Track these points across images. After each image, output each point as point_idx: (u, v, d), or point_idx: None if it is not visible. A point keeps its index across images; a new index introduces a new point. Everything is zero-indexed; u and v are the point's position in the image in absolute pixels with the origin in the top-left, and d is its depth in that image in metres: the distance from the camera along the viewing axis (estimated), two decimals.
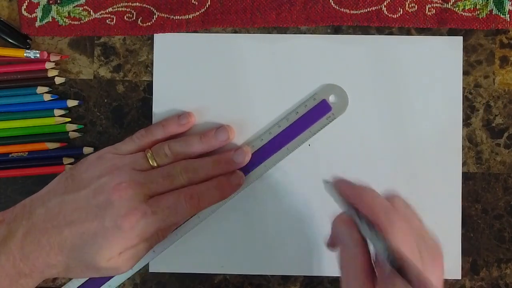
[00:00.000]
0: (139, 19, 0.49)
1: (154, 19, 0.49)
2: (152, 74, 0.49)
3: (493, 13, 0.48)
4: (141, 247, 0.44)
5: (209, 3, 0.49)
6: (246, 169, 0.48)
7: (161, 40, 0.49)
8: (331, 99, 0.49)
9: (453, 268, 0.49)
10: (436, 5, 0.48)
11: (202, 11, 0.49)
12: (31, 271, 0.42)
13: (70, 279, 0.49)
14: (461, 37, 0.49)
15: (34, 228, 0.42)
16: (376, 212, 0.36)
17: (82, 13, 0.49)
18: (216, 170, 0.46)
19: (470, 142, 0.49)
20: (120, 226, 0.42)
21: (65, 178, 0.44)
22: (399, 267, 0.33)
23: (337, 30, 0.49)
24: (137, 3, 0.49)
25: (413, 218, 0.38)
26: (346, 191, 0.39)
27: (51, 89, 0.49)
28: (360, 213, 0.36)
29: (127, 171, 0.44)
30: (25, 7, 0.49)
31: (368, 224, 0.35)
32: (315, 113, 0.48)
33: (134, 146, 0.46)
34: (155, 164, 0.45)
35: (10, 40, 0.49)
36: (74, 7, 0.49)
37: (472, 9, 0.48)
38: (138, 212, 0.42)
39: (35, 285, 0.43)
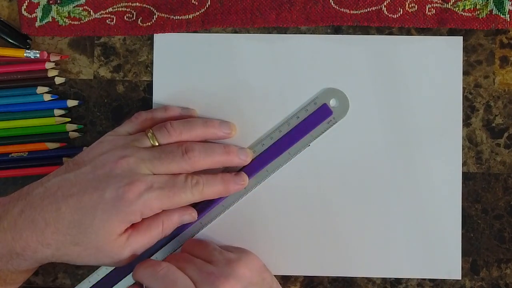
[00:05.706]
0: (139, 19, 0.49)
1: (154, 19, 0.49)
2: (152, 74, 0.49)
3: (493, 13, 0.48)
4: (142, 231, 0.42)
5: (209, 3, 0.49)
6: (248, 174, 0.48)
7: (161, 40, 0.49)
8: (332, 103, 0.49)
9: (453, 268, 0.49)
10: (436, 5, 0.48)
11: (202, 11, 0.49)
12: (23, 249, 0.40)
13: (81, 280, 0.49)
14: (461, 37, 0.49)
15: (30, 206, 0.41)
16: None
17: (82, 13, 0.49)
18: (221, 156, 0.46)
19: (470, 142, 0.49)
20: (122, 196, 0.40)
21: (66, 164, 0.44)
22: None
23: (337, 30, 0.49)
24: (137, 3, 0.49)
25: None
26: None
27: (51, 89, 0.49)
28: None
29: (129, 147, 0.43)
30: (25, 7, 0.49)
31: None
32: (316, 117, 0.48)
33: (134, 126, 0.46)
34: (156, 143, 0.44)
35: (10, 40, 0.49)
36: (74, 7, 0.49)
37: (472, 9, 0.48)
38: (143, 183, 0.41)
39: (28, 267, 0.42)
